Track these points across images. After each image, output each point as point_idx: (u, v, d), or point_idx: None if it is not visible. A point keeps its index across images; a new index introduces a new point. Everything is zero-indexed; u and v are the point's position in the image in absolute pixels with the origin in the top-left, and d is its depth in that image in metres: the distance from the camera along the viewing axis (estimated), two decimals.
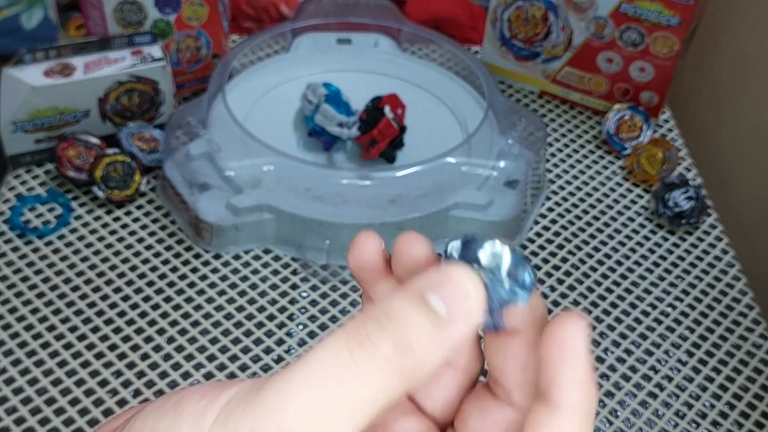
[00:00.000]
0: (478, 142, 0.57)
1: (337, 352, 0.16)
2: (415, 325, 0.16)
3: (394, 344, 0.16)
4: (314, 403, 0.15)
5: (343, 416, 0.16)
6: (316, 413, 0.15)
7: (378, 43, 0.69)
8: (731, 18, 0.69)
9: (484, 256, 0.18)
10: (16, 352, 0.48)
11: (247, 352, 0.49)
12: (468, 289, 0.17)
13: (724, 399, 0.50)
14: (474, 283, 0.17)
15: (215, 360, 0.49)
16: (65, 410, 0.45)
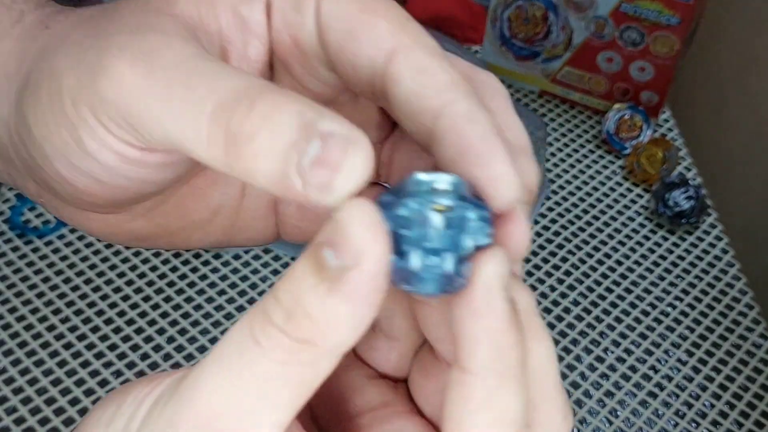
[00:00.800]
0: None
1: (241, 332, 0.15)
2: (306, 287, 0.15)
3: (284, 313, 0.14)
4: (224, 393, 0.14)
5: (257, 403, 0.15)
6: (228, 403, 0.14)
7: None
8: (731, 17, 0.69)
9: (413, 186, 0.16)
10: (15, 352, 0.48)
11: None
12: (360, 233, 0.15)
13: (724, 398, 0.50)
14: (369, 226, 0.15)
15: None
16: (65, 410, 0.45)
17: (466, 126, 0.17)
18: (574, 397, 0.49)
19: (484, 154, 0.17)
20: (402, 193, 0.16)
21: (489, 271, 0.16)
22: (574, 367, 0.51)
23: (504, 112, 0.20)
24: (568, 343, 0.52)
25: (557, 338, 0.52)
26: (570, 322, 0.53)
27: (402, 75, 0.18)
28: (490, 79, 0.21)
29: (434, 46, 0.19)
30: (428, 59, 0.18)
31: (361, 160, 0.15)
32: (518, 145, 0.19)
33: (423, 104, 0.18)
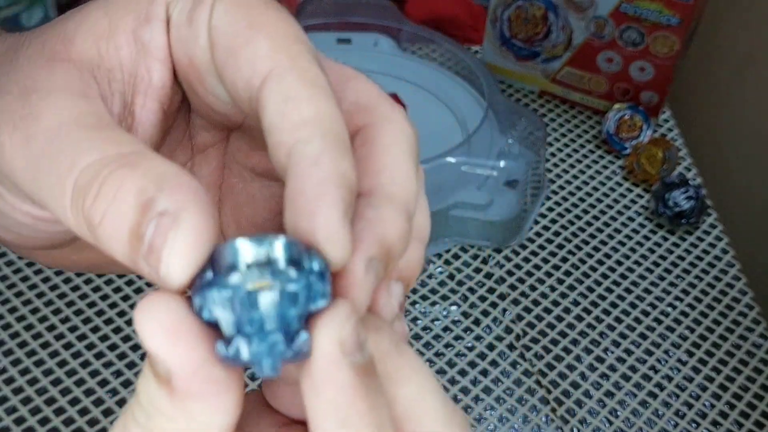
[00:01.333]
0: (478, 142, 0.57)
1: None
2: (152, 389, 0.15)
3: (145, 415, 0.15)
4: None
5: None
6: None
7: (378, 42, 0.69)
8: (732, 17, 0.68)
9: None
10: (15, 352, 0.48)
11: None
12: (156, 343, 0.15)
13: (724, 399, 0.50)
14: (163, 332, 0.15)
15: None
16: (65, 410, 0.45)
17: (306, 170, 0.16)
18: (574, 398, 0.49)
19: (310, 204, 0.16)
20: (223, 267, 0.15)
21: (324, 341, 0.15)
22: (574, 368, 0.51)
23: (390, 154, 0.18)
24: (568, 344, 0.52)
25: (557, 339, 0.52)
26: (570, 322, 0.53)
27: (269, 102, 0.17)
28: (393, 114, 0.19)
29: (313, 72, 0.17)
30: (299, 87, 0.17)
31: (183, 242, 0.15)
32: (390, 194, 0.18)
33: (279, 138, 0.17)
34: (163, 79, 0.20)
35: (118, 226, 0.16)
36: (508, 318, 0.53)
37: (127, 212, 0.15)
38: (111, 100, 0.19)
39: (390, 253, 0.17)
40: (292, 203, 0.16)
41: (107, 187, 0.16)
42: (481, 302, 0.54)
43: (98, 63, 0.19)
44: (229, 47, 0.18)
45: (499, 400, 0.49)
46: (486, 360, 0.51)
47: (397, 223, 0.18)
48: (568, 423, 0.48)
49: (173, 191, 0.15)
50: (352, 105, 0.19)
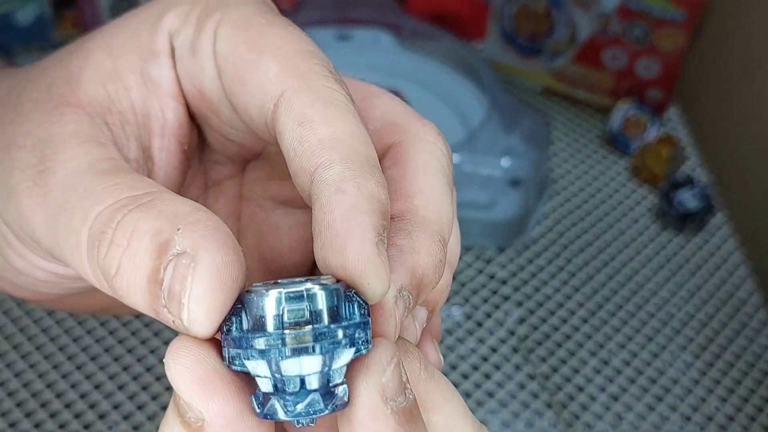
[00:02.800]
0: (481, 140, 0.56)
1: None
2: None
3: None
4: None
5: None
6: None
7: (379, 39, 0.68)
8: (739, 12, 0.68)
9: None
10: (10, 354, 0.47)
11: None
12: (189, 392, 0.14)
13: (731, 401, 0.49)
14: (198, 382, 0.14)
15: None
16: (60, 413, 0.45)
17: (332, 198, 0.15)
18: (579, 401, 0.48)
19: (339, 238, 0.15)
20: (259, 321, 0.14)
21: (364, 392, 0.14)
22: (579, 370, 0.50)
23: (424, 176, 0.18)
24: (572, 345, 0.51)
25: (562, 340, 0.51)
26: (574, 323, 0.52)
27: (285, 127, 0.16)
28: (425, 131, 0.18)
29: (325, 89, 0.16)
30: (312, 108, 0.16)
31: (203, 284, 0.14)
32: (425, 219, 0.17)
33: (299, 165, 0.16)
34: (179, 117, 0.19)
35: (136, 274, 0.15)
36: (511, 319, 0.52)
37: (143, 257, 0.14)
38: (127, 145, 0.18)
39: (422, 283, 0.16)
40: (320, 237, 0.15)
41: (120, 233, 0.15)
42: (484, 303, 0.53)
43: (108, 107, 0.18)
44: (236, 74, 0.17)
45: (502, 403, 0.48)
46: (489, 362, 0.50)
47: (432, 251, 0.17)
48: (572, 426, 0.47)
49: (190, 229, 0.14)
50: (380, 122, 0.18)
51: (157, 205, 0.15)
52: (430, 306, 0.19)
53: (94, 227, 0.15)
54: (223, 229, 0.15)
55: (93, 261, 0.15)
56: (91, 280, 0.16)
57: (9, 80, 0.20)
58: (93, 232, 0.15)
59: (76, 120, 0.17)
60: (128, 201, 0.15)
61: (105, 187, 0.16)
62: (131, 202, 0.15)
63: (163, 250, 0.14)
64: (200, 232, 0.14)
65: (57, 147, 0.17)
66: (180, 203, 0.15)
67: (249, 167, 0.22)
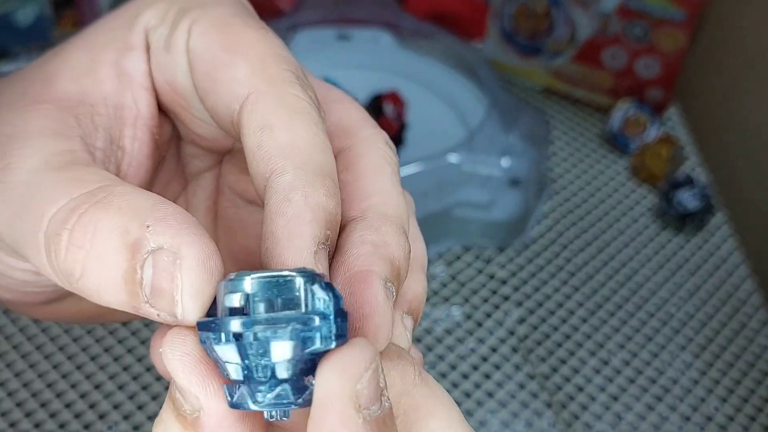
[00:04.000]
0: (480, 140, 0.56)
1: None
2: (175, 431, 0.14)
3: None
4: None
5: None
6: None
7: (379, 39, 0.68)
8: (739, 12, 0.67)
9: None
10: (10, 354, 0.47)
11: None
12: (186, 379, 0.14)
13: (731, 401, 0.49)
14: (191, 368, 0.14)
15: None
16: (60, 413, 0.45)
17: (278, 207, 0.16)
18: (578, 401, 0.48)
19: (279, 246, 0.15)
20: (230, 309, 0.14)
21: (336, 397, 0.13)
22: (579, 370, 0.50)
23: (378, 179, 0.18)
24: (572, 345, 0.51)
25: (561, 340, 0.51)
26: (574, 323, 0.52)
27: (247, 130, 0.16)
28: (375, 138, 0.19)
29: (291, 96, 0.17)
30: (275, 114, 0.16)
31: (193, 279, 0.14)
32: (386, 214, 0.17)
33: (256, 169, 0.16)
34: (150, 108, 0.19)
35: (107, 274, 0.15)
36: (511, 319, 0.52)
37: (114, 257, 0.15)
38: (95, 135, 0.18)
39: (399, 273, 0.17)
40: (264, 243, 0.16)
41: (80, 234, 0.15)
42: (483, 303, 0.53)
43: (80, 99, 0.18)
44: (207, 72, 0.17)
45: (502, 403, 0.48)
46: (488, 362, 0.50)
47: (401, 243, 0.17)
48: (572, 426, 0.47)
49: (161, 225, 0.15)
50: (333, 126, 0.19)
51: (115, 201, 0.15)
52: (414, 314, 0.19)
53: (50, 229, 0.15)
54: (192, 221, 0.15)
55: (52, 264, 0.15)
56: (54, 280, 0.16)
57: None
58: (48, 234, 0.15)
59: (43, 115, 0.18)
60: (83, 199, 0.16)
61: (57, 184, 0.16)
62: (86, 200, 0.16)
63: (136, 248, 0.15)
64: (174, 228, 0.15)
65: (20, 142, 0.17)
66: (138, 197, 0.15)
67: (223, 161, 0.22)
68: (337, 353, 0.14)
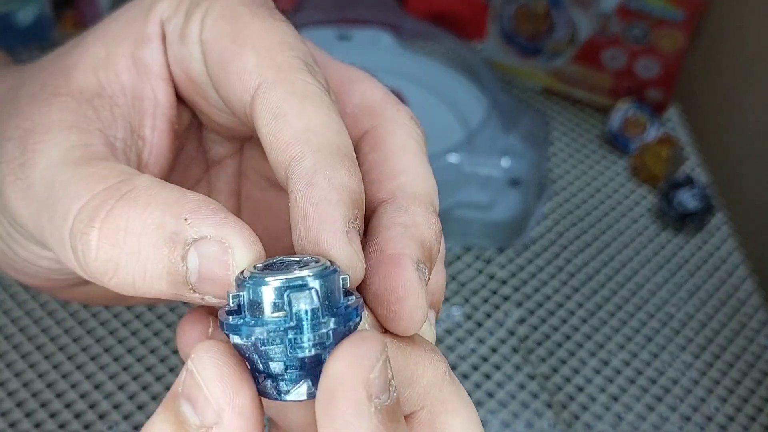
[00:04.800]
0: (480, 140, 0.56)
1: None
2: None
3: None
4: None
5: None
6: None
7: (379, 39, 0.68)
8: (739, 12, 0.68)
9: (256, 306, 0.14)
10: (11, 354, 0.47)
11: None
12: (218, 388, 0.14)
13: (731, 402, 0.49)
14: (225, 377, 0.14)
15: None
16: (60, 413, 0.45)
17: (303, 192, 0.16)
18: (579, 401, 0.48)
19: (312, 231, 0.16)
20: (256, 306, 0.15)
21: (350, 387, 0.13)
22: (579, 370, 0.50)
23: (405, 157, 0.18)
24: (572, 346, 0.51)
25: (561, 341, 0.51)
26: (574, 324, 0.53)
27: (261, 120, 0.17)
28: (400, 115, 0.19)
29: (300, 82, 0.17)
30: (287, 101, 0.16)
31: (248, 262, 0.15)
32: (415, 194, 0.17)
33: (275, 158, 0.16)
34: (169, 98, 0.19)
35: (146, 268, 0.15)
36: (511, 320, 0.52)
37: (153, 251, 0.15)
38: (115, 126, 0.19)
39: (431, 254, 0.17)
40: (296, 230, 0.16)
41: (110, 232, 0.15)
42: (483, 303, 0.53)
43: (98, 92, 0.18)
44: (218, 63, 0.17)
45: (502, 403, 0.48)
46: (489, 362, 0.50)
47: (431, 222, 0.17)
48: (572, 426, 0.47)
49: (199, 217, 0.15)
50: (357, 107, 0.19)
51: (142, 196, 0.16)
52: (435, 308, 0.19)
53: (75, 227, 0.16)
54: (225, 210, 0.16)
55: (80, 262, 0.16)
56: (84, 277, 0.16)
57: (11, 78, 0.21)
58: (75, 232, 0.16)
59: (62, 108, 0.18)
60: (107, 194, 0.16)
61: (77, 180, 0.16)
62: (111, 195, 0.16)
63: (175, 240, 0.15)
64: (214, 218, 0.15)
65: (39, 136, 0.18)
66: (162, 190, 0.16)
67: (245, 146, 0.22)
68: (350, 344, 0.14)
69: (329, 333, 0.15)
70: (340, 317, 0.15)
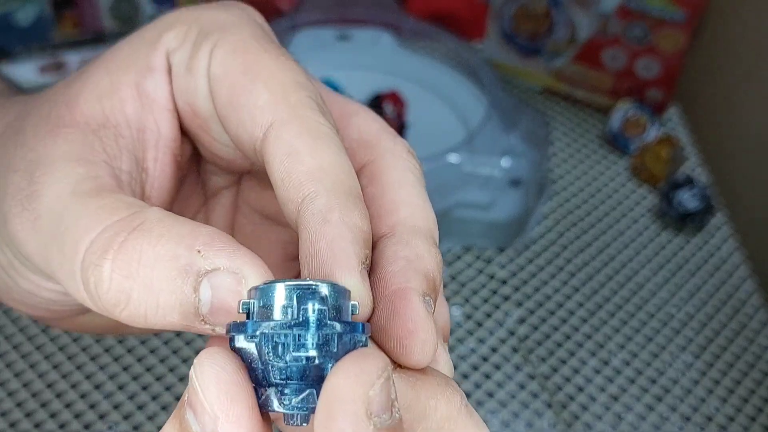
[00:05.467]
0: (480, 140, 0.56)
1: None
2: None
3: None
4: None
5: None
6: None
7: (379, 39, 0.68)
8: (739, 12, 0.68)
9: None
10: (11, 354, 0.47)
11: None
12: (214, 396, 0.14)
13: (731, 402, 0.49)
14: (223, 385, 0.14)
15: None
16: (60, 413, 0.45)
17: (318, 229, 0.16)
18: (579, 401, 0.48)
19: (326, 266, 0.16)
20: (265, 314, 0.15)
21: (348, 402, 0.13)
22: (579, 370, 0.50)
23: (403, 190, 0.18)
24: (572, 346, 0.51)
25: (561, 341, 0.51)
26: (574, 324, 0.52)
27: (273, 157, 0.17)
28: (396, 147, 0.19)
29: (314, 121, 0.17)
30: (300, 139, 0.17)
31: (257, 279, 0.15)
32: (415, 227, 0.18)
33: (287, 195, 0.17)
34: (173, 130, 0.19)
35: (158, 300, 0.15)
36: (511, 319, 0.52)
37: (167, 283, 0.15)
38: (120, 158, 0.18)
39: (435, 286, 0.17)
40: (307, 266, 0.16)
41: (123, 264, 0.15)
42: (483, 303, 0.53)
43: (103, 122, 0.18)
44: (228, 98, 0.17)
45: (502, 403, 0.48)
46: (489, 362, 0.50)
47: (432, 253, 0.17)
48: (572, 426, 0.47)
49: (213, 249, 0.15)
50: (355, 142, 0.19)
51: (155, 228, 0.16)
52: (445, 339, 0.19)
53: (87, 259, 0.16)
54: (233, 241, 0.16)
55: (91, 294, 0.16)
56: (94, 309, 0.16)
57: (17, 107, 0.21)
58: (86, 264, 0.16)
59: (68, 140, 0.18)
60: (120, 227, 0.16)
61: (88, 212, 0.16)
62: (123, 227, 0.16)
63: (189, 272, 0.15)
64: (227, 250, 0.15)
65: (46, 168, 0.18)
66: (174, 222, 0.16)
67: (243, 179, 0.23)
68: (350, 359, 0.14)
69: (334, 337, 0.15)
70: (346, 325, 0.15)
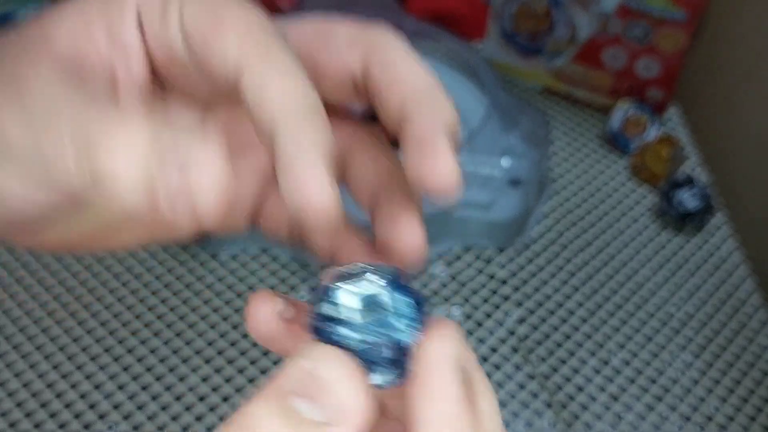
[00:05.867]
0: (480, 140, 0.56)
1: None
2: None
3: None
4: None
5: None
6: None
7: None
8: (739, 12, 0.67)
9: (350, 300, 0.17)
10: (11, 354, 0.47)
11: (244, 353, 0.49)
12: (345, 390, 0.15)
13: (731, 401, 0.49)
14: (353, 381, 0.15)
15: (212, 361, 0.48)
16: (60, 413, 0.45)
17: (285, 148, 0.18)
18: (579, 401, 0.48)
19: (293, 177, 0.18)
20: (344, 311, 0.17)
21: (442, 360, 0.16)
22: (579, 370, 0.50)
23: (400, 62, 0.22)
24: (572, 345, 0.51)
25: (561, 340, 0.51)
26: (574, 323, 0.53)
27: (246, 93, 0.19)
28: (381, 35, 0.23)
29: (281, 59, 0.19)
30: (267, 74, 0.19)
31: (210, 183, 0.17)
32: (418, 89, 0.21)
33: (260, 125, 0.19)
34: (140, 73, 0.21)
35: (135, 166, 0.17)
36: (511, 319, 0.52)
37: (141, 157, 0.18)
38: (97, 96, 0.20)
39: (451, 129, 0.21)
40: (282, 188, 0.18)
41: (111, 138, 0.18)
42: (483, 303, 0.53)
43: (77, 58, 0.20)
44: (201, 44, 0.19)
45: (502, 403, 0.48)
46: (489, 362, 0.50)
47: (442, 104, 0.20)
48: (572, 426, 0.47)
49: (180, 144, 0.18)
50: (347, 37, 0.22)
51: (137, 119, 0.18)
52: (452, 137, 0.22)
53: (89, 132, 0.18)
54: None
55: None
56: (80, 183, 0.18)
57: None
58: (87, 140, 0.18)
59: (50, 69, 0.19)
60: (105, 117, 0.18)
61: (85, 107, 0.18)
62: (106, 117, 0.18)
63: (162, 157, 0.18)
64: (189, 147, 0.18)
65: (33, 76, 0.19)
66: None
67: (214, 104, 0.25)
68: (441, 327, 0.17)
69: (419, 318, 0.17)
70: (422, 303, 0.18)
